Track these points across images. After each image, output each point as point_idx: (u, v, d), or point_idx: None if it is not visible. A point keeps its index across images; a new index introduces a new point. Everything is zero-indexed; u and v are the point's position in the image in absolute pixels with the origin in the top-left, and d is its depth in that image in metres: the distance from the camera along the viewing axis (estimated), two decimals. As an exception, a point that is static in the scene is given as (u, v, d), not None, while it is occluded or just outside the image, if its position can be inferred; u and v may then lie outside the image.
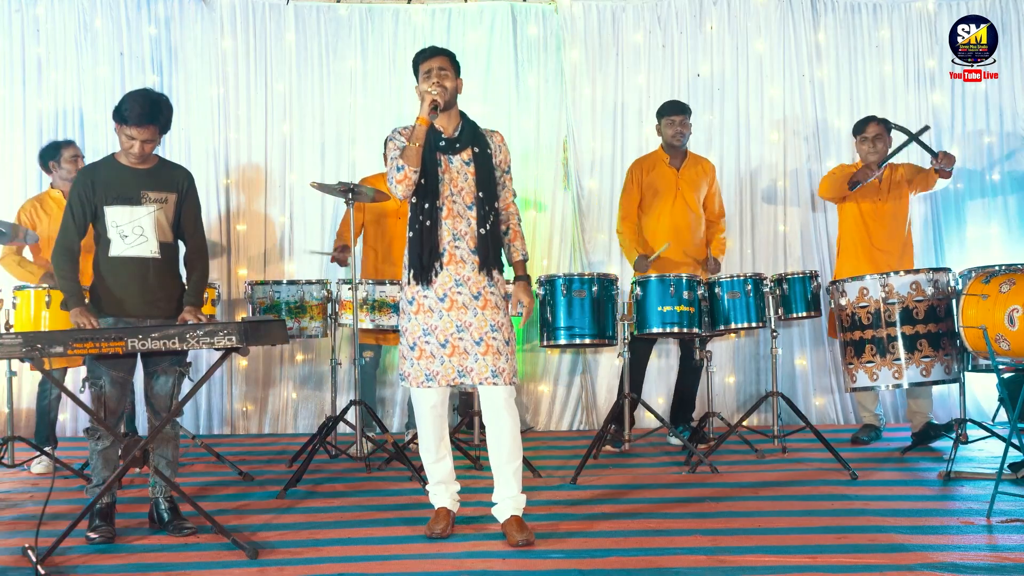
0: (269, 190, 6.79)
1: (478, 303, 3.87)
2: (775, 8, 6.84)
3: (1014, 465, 4.79)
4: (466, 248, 3.89)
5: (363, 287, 5.27)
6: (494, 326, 3.86)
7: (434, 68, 3.95)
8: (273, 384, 6.72)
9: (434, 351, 3.87)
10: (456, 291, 3.87)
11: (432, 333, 3.87)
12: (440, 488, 4.00)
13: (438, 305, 3.87)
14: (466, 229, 3.89)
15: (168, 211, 4.14)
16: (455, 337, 3.86)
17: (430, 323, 3.87)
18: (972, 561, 3.49)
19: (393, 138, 3.97)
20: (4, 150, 6.64)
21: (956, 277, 5.12)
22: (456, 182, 3.91)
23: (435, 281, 3.87)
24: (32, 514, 4.25)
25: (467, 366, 3.85)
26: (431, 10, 6.81)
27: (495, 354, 3.84)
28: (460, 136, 3.97)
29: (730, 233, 6.75)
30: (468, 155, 3.94)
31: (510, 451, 3.89)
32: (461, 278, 3.88)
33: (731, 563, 3.54)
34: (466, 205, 3.91)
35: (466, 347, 3.85)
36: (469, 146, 3.96)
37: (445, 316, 3.86)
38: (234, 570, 3.57)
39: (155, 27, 6.70)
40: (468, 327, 3.86)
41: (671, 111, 5.94)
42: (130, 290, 4.05)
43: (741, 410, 6.61)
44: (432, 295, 3.88)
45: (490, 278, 3.90)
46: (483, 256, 3.89)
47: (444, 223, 3.88)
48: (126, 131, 4.03)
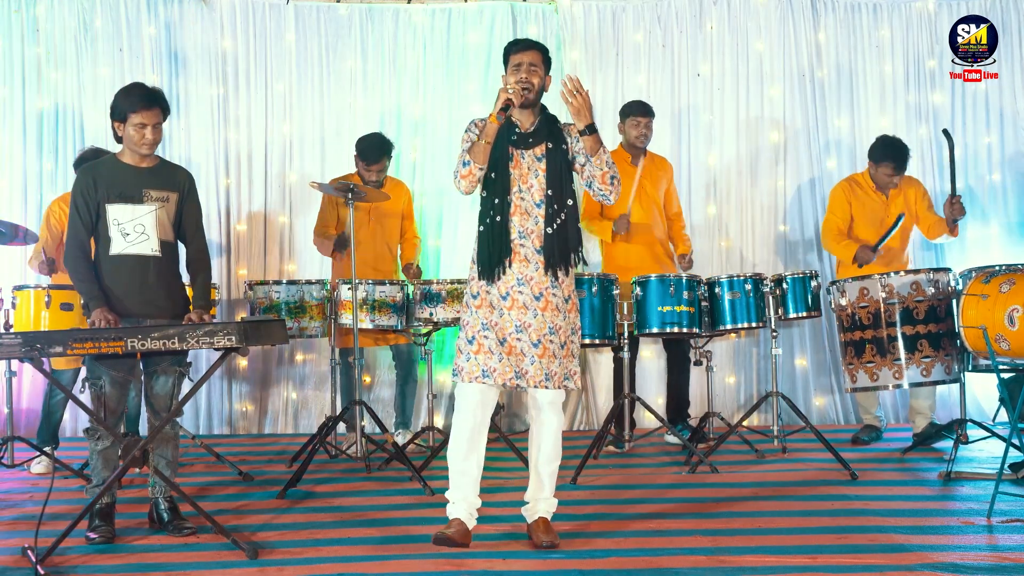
0: (269, 190, 6.78)
1: (539, 304, 3.76)
2: (775, 8, 6.84)
3: (1014, 465, 4.79)
4: (531, 247, 3.77)
5: (362, 287, 5.27)
6: (552, 329, 3.75)
7: (524, 63, 3.80)
8: (273, 384, 6.72)
9: (492, 347, 3.74)
10: (518, 290, 3.76)
11: (492, 329, 3.75)
12: (459, 499, 3.79)
13: (500, 303, 3.76)
14: (533, 227, 3.77)
15: (169, 210, 4.14)
16: (513, 337, 3.74)
17: (491, 319, 3.76)
18: (972, 561, 3.49)
19: (468, 129, 3.85)
20: (4, 150, 6.63)
21: (956, 277, 5.11)
22: (526, 178, 3.79)
23: (500, 277, 3.76)
24: (32, 514, 4.25)
25: (523, 368, 3.74)
26: (431, 10, 6.81)
27: (550, 358, 3.73)
28: (534, 131, 3.84)
29: (730, 233, 6.75)
30: (541, 151, 3.81)
31: (549, 453, 3.82)
32: (524, 277, 3.77)
33: (731, 563, 3.54)
34: (535, 202, 3.79)
35: (523, 348, 3.74)
36: (543, 142, 3.82)
37: (506, 314, 3.75)
38: (234, 570, 3.57)
39: (155, 27, 6.70)
40: (527, 328, 3.74)
41: (638, 112, 5.93)
42: (130, 289, 4.05)
43: (741, 410, 6.61)
44: (495, 292, 3.77)
45: (554, 279, 3.78)
46: (549, 256, 3.76)
47: (511, 219, 3.77)
48: (135, 119, 4.01)
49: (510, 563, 3.61)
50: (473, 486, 3.81)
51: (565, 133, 3.87)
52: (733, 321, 5.38)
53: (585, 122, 3.75)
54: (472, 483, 3.80)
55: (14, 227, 5.33)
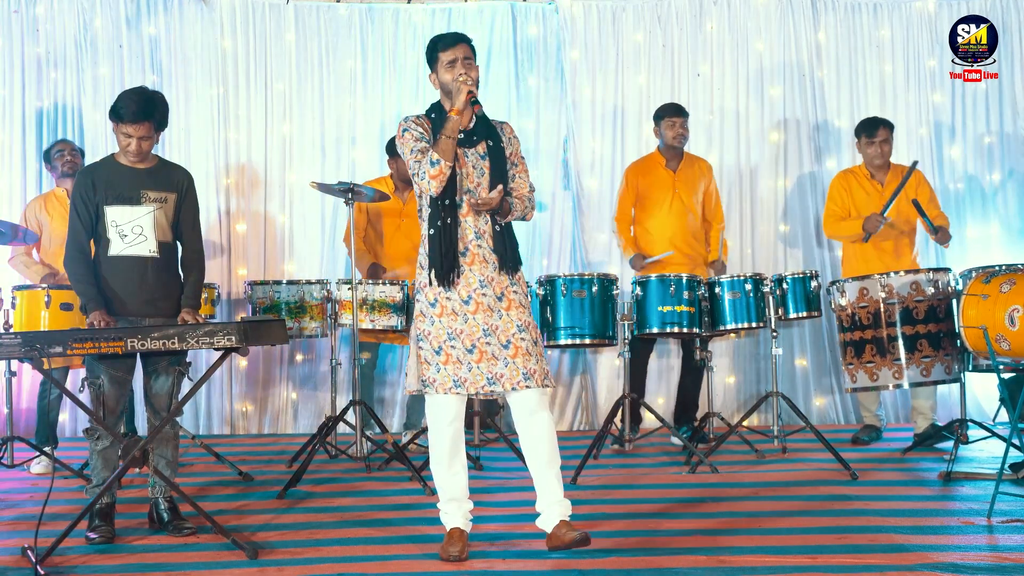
0: (269, 190, 6.78)
1: (502, 304, 3.70)
2: (775, 8, 6.84)
3: (1015, 465, 4.78)
4: (487, 247, 3.72)
5: (362, 287, 5.27)
6: (520, 327, 3.68)
7: (459, 58, 3.71)
8: (273, 384, 6.72)
9: (460, 356, 3.65)
10: (481, 293, 3.69)
11: (458, 337, 3.66)
12: (452, 506, 3.72)
13: (463, 308, 3.68)
14: (485, 227, 3.72)
15: (168, 211, 4.14)
16: (482, 342, 3.66)
17: (455, 327, 3.67)
18: (972, 561, 3.49)
19: (408, 128, 3.75)
20: (4, 150, 6.63)
21: (956, 277, 5.12)
22: (472, 177, 3.72)
23: (459, 283, 3.69)
24: (32, 514, 4.24)
25: (497, 372, 3.65)
26: (431, 10, 6.81)
27: (524, 355, 3.64)
28: (475, 129, 3.77)
29: (730, 233, 6.74)
30: (483, 148, 3.76)
31: (549, 455, 3.70)
32: (485, 279, 3.70)
33: (731, 563, 3.53)
34: None
35: (494, 352, 3.66)
36: (484, 139, 3.77)
37: (471, 319, 3.67)
38: (234, 570, 3.57)
39: (155, 27, 6.70)
40: (495, 330, 3.67)
41: (672, 113, 5.95)
42: (129, 289, 4.05)
43: (741, 410, 6.61)
44: (456, 297, 3.68)
45: (511, 277, 3.74)
46: (501, 254, 3.72)
47: (466, 220, 3.72)
48: (122, 129, 4.03)
49: (510, 563, 3.61)
50: (463, 492, 3.74)
51: (500, 131, 3.83)
52: (733, 321, 5.38)
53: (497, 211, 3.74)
54: (461, 489, 3.73)
55: (14, 227, 5.33)
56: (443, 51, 3.73)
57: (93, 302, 3.99)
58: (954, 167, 6.87)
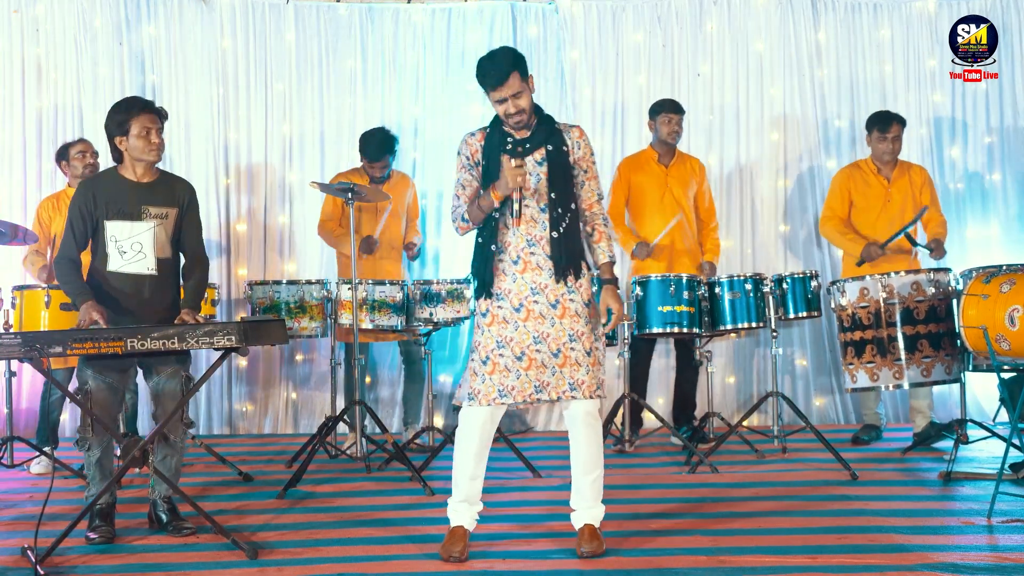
0: (269, 190, 6.78)
1: (556, 312, 3.65)
2: (775, 8, 6.84)
3: (1015, 465, 4.78)
4: (541, 254, 3.66)
5: (362, 287, 5.26)
6: (572, 336, 3.64)
7: (507, 97, 3.61)
8: (273, 384, 6.72)
9: (509, 364, 3.62)
10: (533, 300, 3.65)
11: (507, 345, 3.63)
12: (463, 507, 3.71)
13: (514, 316, 3.65)
14: (541, 234, 3.66)
15: (168, 226, 4.13)
16: (532, 349, 3.62)
17: (505, 335, 3.64)
18: (972, 561, 3.49)
19: (460, 152, 3.75)
20: (4, 150, 6.63)
21: (956, 277, 5.11)
22: (528, 185, 3.65)
23: (510, 290, 3.66)
24: (32, 514, 4.25)
25: (544, 380, 3.62)
26: (431, 10, 6.81)
27: (573, 366, 3.63)
28: (530, 136, 3.71)
29: (730, 233, 6.75)
30: (541, 154, 3.69)
31: (585, 464, 3.71)
32: (538, 286, 3.65)
33: (731, 563, 3.54)
34: (539, 208, 3.67)
35: (543, 360, 3.62)
36: (543, 145, 3.70)
37: (521, 327, 3.64)
38: (234, 570, 3.57)
39: (155, 27, 6.70)
40: (545, 338, 3.63)
41: (669, 109, 5.94)
42: (126, 305, 4.04)
43: (741, 410, 6.61)
44: (507, 305, 3.65)
45: (568, 285, 3.67)
46: (558, 262, 3.64)
47: (517, 229, 3.67)
48: (137, 126, 4.01)
49: (510, 563, 3.61)
50: (477, 494, 3.75)
51: (565, 135, 3.75)
52: (733, 321, 5.38)
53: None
54: (477, 492, 3.74)
55: (14, 227, 5.32)
56: (491, 92, 3.65)
57: (82, 295, 3.97)
58: (954, 167, 6.87)
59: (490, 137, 3.73)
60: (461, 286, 5.30)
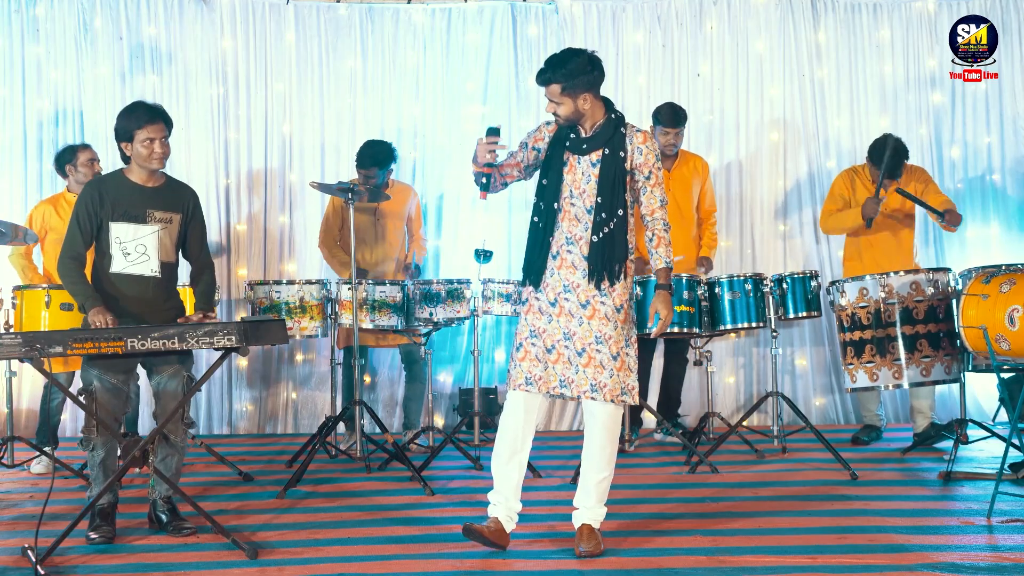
0: (269, 190, 6.78)
1: (585, 312, 3.69)
2: (775, 8, 6.84)
3: (1014, 465, 4.79)
4: (578, 253, 3.71)
5: (362, 287, 5.26)
6: (599, 338, 3.67)
7: (551, 101, 3.74)
8: (273, 384, 6.72)
9: (539, 355, 3.71)
10: (564, 297, 3.71)
11: (539, 336, 3.72)
12: (499, 498, 3.75)
13: (549, 309, 3.72)
14: (582, 234, 3.71)
15: (172, 231, 4.16)
16: (561, 344, 3.70)
17: (539, 325, 3.73)
18: (972, 561, 3.50)
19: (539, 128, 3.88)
20: (4, 150, 6.63)
21: (956, 277, 5.11)
22: (579, 184, 3.72)
23: (548, 283, 3.73)
24: (32, 514, 4.25)
25: (568, 377, 3.69)
26: (431, 10, 6.81)
27: (596, 367, 3.65)
28: (592, 136, 3.75)
29: (730, 233, 6.75)
30: (597, 156, 3.72)
31: (595, 464, 3.73)
32: (571, 284, 3.71)
33: (731, 563, 3.54)
34: (585, 208, 3.71)
35: (570, 357, 3.69)
36: (600, 148, 3.73)
37: (554, 321, 3.71)
38: (234, 570, 3.57)
39: (155, 27, 6.69)
40: (573, 336, 3.69)
41: (668, 123, 5.83)
42: (129, 306, 4.06)
43: (741, 410, 6.61)
44: (544, 297, 3.74)
45: (600, 288, 3.69)
46: (593, 264, 3.69)
47: (560, 225, 3.74)
48: (142, 136, 4.05)
49: (510, 563, 3.62)
50: (514, 491, 3.76)
51: (628, 139, 3.74)
52: (733, 321, 5.38)
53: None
54: (513, 488, 3.75)
55: (14, 227, 5.32)
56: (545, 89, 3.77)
57: (91, 300, 3.99)
58: (954, 167, 6.87)
59: (560, 129, 3.81)
60: (461, 286, 5.30)
